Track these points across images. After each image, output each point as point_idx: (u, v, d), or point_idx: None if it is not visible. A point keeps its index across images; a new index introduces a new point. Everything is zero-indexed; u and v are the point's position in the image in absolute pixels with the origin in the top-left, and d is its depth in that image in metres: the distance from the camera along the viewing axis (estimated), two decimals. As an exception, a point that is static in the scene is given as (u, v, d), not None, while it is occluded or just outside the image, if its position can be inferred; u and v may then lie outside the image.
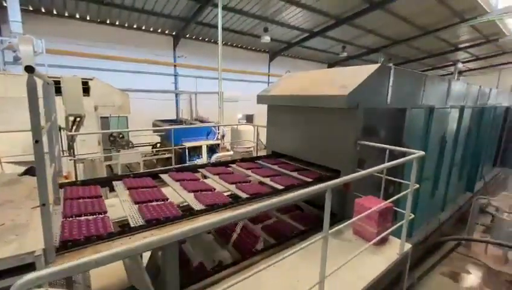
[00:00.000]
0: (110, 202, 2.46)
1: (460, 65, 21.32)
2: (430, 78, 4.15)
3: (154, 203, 2.24)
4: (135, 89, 11.32)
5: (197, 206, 2.24)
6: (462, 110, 5.28)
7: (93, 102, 6.57)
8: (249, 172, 3.41)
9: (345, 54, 16.66)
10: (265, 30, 12.06)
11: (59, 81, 4.65)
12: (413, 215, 2.71)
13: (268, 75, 16.81)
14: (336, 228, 1.80)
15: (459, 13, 12.57)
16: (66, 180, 3.23)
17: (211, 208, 2.21)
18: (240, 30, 12.91)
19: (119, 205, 2.25)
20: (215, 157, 7.97)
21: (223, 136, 9.27)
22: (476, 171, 6.94)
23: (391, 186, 3.43)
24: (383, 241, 2.75)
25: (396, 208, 2.80)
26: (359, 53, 17.86)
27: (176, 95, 13.26)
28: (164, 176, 3.09)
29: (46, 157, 1.44)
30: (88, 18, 10.24)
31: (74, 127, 5.28)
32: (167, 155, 8.94)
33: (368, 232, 2.71)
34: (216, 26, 9.25)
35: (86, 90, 6.40)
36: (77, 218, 1.91)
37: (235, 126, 10.35)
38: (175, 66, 12.87)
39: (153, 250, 2.50)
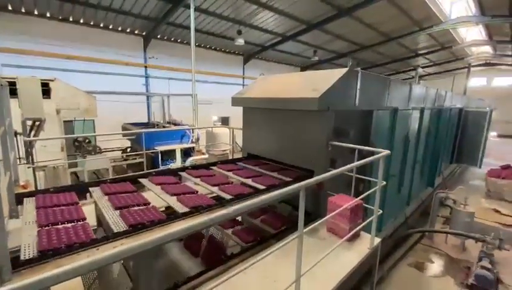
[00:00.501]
0: (87, 208, 2.36)
1: (420, 70, 23.07)
2: (394, 81, 4.44)
3: (136, 208, 2.18)
4: (103, 91, 10.73)
5: (181, 209, 2.20)
6: (422, 111, 5.71)
7: (55, 105, 6.12)
8: (230, 174, 3.42)
9: (316, 58, 17.24)
10: (239, 33, 12.11)
11: (15, 82, 4.28)
12: (381, 211, 2.87)
13: (243, 78, 16.87)
14: (310, 226, 1.86)
15: (417, 22, 13.61)
16: (25, 190, 2.98)
17: (196, 210, 2.19)
18: (213, 32, 12.82)
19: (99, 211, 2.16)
20: (190, 161, 7.80)
21: (197, 139, 9.11)
22: (435, 168, 7.53)
23: (361, 184, 3.61)
24: (355, 237, 2.88)
25: (366, 205, 2.95)
26: (330, 57, 18.58)
27: (147, 97, 12.79)
28: (144, 181, 3.02)
29: (0, 165, 1.32)
30: (48, 15, 9.53)
31: (33, 132, 4.87)
32: (139, 160, 8.57)
33: (341, 229, 2.82)
34: (188, 28, 9.10)
35: (47, 92, 5.94)
36: (54, 226, 1.80)
37: (210, 129, 10.23)
38: (146, 67, 12.43)
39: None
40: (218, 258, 2.60)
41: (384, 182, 2.80)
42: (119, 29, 11.22)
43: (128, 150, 9.84)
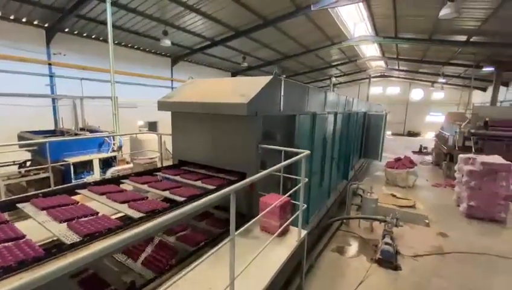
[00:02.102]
0: None
1: (334, 79, 26.49)
2: (312, 89, 4.99)
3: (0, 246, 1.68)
4: (-13, 92, 8.61)
5: (71, 238, 1.81)
6: (335, 115, 6.57)
7: None
8: (145, 187, 3.14)
9: (245, 64, 17.85)
10: (165, 33, 11.52)
11: None
12: (305, 206, 3.18)
13: (172, 80, 16.08)
14: (242, 228, 1.92)
15: (330, 38, 15.65)
16: None
17: (91, 238, 1.85)
18: (136, 30, 11.83)
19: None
20: (111, 172, 6.95)
21: (120, 147, 8.20)
22: (348, 163, 8.76)
23: (289, 182, 3.92)
24: (285, 232, 3.10)
25: (293, 201, 3.21)
26: (258, 64, 19.52)
27: (54, 100, 10.84)
28: (24, 206, 2.40)
29: None
30: None
31: None
32: (43, 175, 7.16)
33: (272, 226, 2.99)
34: (105, 23, 8.16)
35: None
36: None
37: (134, 135, 9.36)
38: (50, 64, 10.52)
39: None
40: (161, 268, 2.39)
41: (307, 179, 3.11)
42: (12, 17, 9.21)
43: (28, 163, 8.11)
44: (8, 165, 8.21)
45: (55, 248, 1.70)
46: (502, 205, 7.16)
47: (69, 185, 3.41)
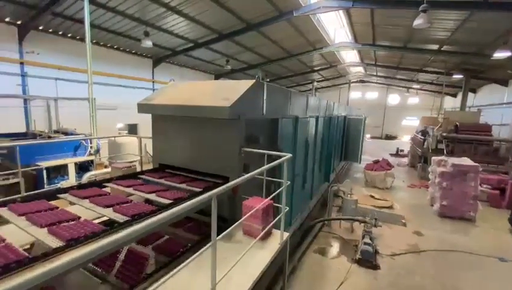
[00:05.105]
0: None
1: (315, 83, 27.10)
2: (294, 93, 5.08)
3: None
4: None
5: (54, 243, 1.78)
6: (317, 119, 6.73)
7: None
8: (130, 190, 3.07)
9: (229, 67, 17.83)
10: (146, 34, 11.26)
11: None
12: (288, 208, 3.21)
13: (153, 82, 15.72)
14: (224, 233, 1.91)
15: (312, 43, 16.02)
16: None
17: (75, 242, 1.81)
18: (116, 30, 11.48)
19: None
20: (87, 177, 6.67)
21: (97, 151, 7.88)
22: (330, 165, 8.97)
23: (272, 185, 3.95)
24: (268, 235, 3.11)
25: (276, 204, 3.24)
26: (241, 67, 19.57)
27: (25, 101, 10.24)
28: (1, 210, 2.32)
29: None
30: None
31: None
32: (13, 180, 6.73)
33: (255, 230, 3.00)
34: (82, 21, 7.85)
35: None
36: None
37: (113, 138, 9.04)
38: (22, 63, 9.94)
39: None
40: (136, 278, 2.31)
41: (289, 182, 3.16)
42: (-23, 12, 8.64)
43: (-5, 168, 7.58)
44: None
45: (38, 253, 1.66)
46: (470, 204, 7.62)
47: (49, 189, 3.26)
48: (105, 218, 2.42)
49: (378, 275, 5.08)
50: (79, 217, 2.22)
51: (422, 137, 13.32)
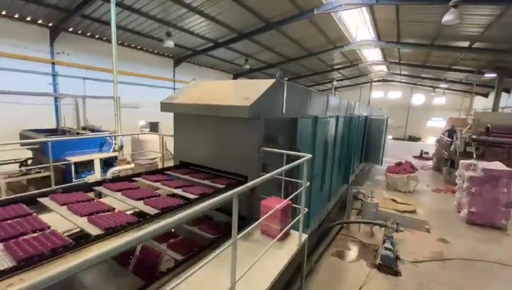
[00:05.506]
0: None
1: (335, 82, 26.52)
2: (314, 93, 5.00)
3: (29, 236, 1.77)
4: (-10, 90, 8.64)
5: (94, 231, 1.90)
6: (337, 119, 6.58)
7: None
8: (158, 185, 3.18)
9: (248, 67, 17.89)
10: (168, 34, 11.56)
11: None
12: (307, 209, 3.17)
13: (174, 81, 16.12)
14: (244, 232, 1.91)
15: (332, 41, 15.68)
16: None
17: (113, 231, 1.93)
18: (140, 31, 11.89)
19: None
20: (111, 172, 6.95)
21: (121, 147, 8.20)
22: (349, 167, 8.75)
23: (290, 185, 3.91)
24: (286, 236, 3.09)
25: (294, 205, 3.20)
26: (260, 67, 19.56)
27: (56, 99, 10.87)
28: (45, 200, 2.49)
29: None
30: None
31: None
32: (44, 173, 7.17)
33: (273, 230, 2.98)
34: (109, 23, 8.19)
35: None
36: None
37: (136, 135, 9.37)
38: (53, 63, 10.56)
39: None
40: (152, 274, 2.39)
41: (308, 183, 3.11)
42: (16, 16, 9.27)
43: (29, 162, 8.12)
44: (8, 163, 8.23)
45: (81, 239, 1.79)
46: (502, 211, 7.13)
47: (86, 182, 3.51)
48: (136, 210, 2.55)
49: (400, 282, 4.89)
50: (113, 209, 2.35)
51: (449, 139, 12.64)
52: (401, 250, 5.85)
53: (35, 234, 1.79)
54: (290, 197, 2.94)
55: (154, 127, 14.90)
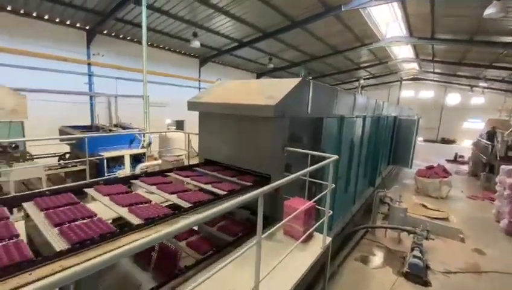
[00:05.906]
0: (20, 225, 2.06)
1: (362, 81, 25.56)
2: (340, 92, 4.85)
3: (80, 222, 1.95)
4: (35, 89, 9.42)
5: (135, 220, 2.04)
6: (364, 119, 6.34)
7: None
8: (188, 180, 3.31)
9: (271, 66, 17.82)
10: (195, 35, 11.86)
11: None
12: (331, 212, 3.09)
13: (199, 81, 16.51)
14: (268, 231, 1.90)
15: (360, 38, 15.12)
16: None
17: (152, 221, 2.05)
18: (167, 32, 12.32)
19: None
20: (140, 168, 7.29)
21: (149, 144, 8.57)
22: (376, 169, 8.40)
23: (313, 186, 3.83)
24: (309, 238, 3.04)
25: (318, 207, 3.14)
26: (284, 65, 19.40)
27: (91, 97, 11.61)
28: (90, 191, 2.73)
29: None
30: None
31: None
32: (79, 167, 7.70)
33: (296, 231, 2.94)
34: (140, 25, 8.57)
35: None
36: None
37: (164, 133, 9.74)
38: (89, 64, 11.29)
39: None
40: (172, 269, 2.46)
41: (334, 185, 3.02)
42: (57, 20, 10.02)
43: (67, 156, 8.77)
44: (48, 157, 8.95)
45: (125, 227, 1.94)
46: (551, 223, 6.46)
47: (124, 176, 3.77)
48: (169, 202, 2.68)
49: (429, 292, 4.61)
50: (150, 201, 2.49)
51: (489, 142, 11.67)
52: (432, 259, 5.52)
53: (84, 221, 1.96)
54: (314, 199, 2.88)
55: (180, 125, 15.39)
